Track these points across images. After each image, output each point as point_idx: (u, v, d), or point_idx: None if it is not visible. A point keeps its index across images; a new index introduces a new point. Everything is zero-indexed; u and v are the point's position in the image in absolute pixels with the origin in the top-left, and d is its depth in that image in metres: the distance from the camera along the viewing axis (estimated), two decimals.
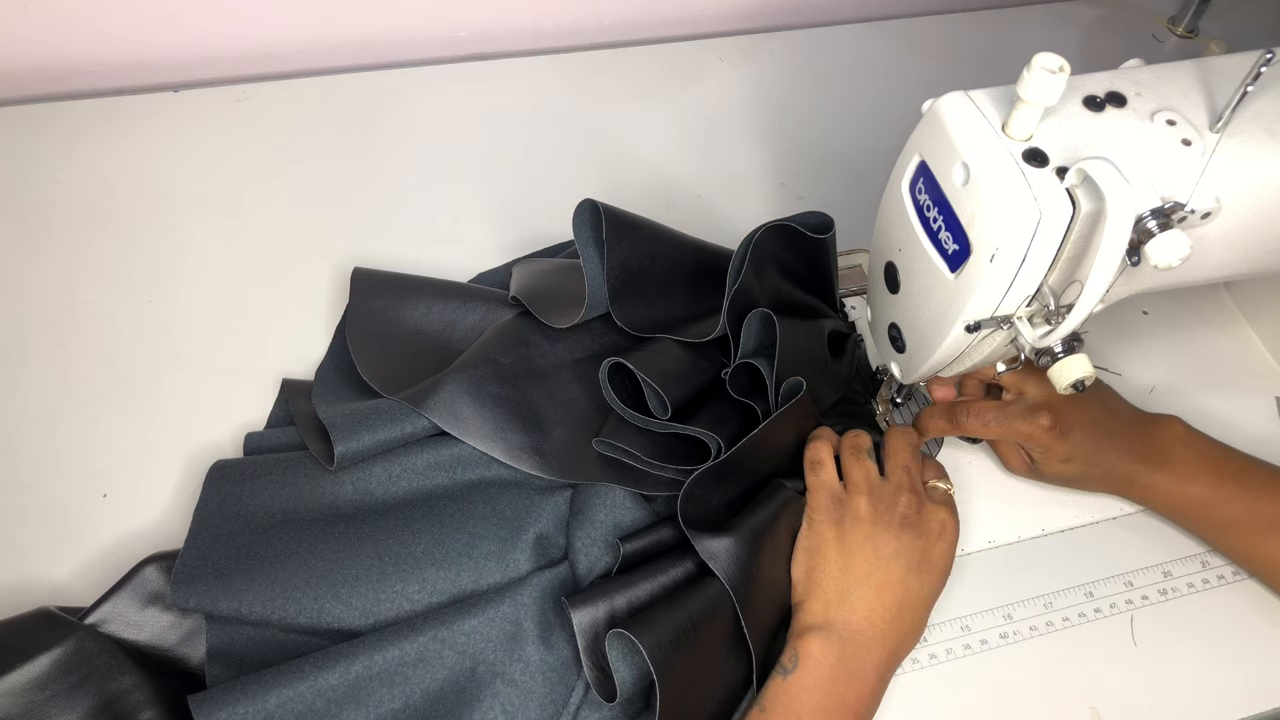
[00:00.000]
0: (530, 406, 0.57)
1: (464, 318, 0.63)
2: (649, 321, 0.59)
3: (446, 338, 0.62)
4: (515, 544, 0.52)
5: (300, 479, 0.54)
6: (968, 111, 0.47)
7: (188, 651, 0.51)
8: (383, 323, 0.62)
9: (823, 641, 0.48)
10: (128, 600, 0.51)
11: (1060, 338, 0.47)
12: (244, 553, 0.51)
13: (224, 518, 0.53)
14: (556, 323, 0.59)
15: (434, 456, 0.55)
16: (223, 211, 0.71)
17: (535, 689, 0.50)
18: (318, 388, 0.60)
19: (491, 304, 0.63)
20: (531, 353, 0.59)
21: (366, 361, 0.60)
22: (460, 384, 0.55)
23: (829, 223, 0.58)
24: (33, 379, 0.61)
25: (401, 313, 0.63)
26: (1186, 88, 0.49)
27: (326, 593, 0.50)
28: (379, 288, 0.64)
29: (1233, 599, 0.58)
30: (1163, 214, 0.43)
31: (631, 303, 0.59)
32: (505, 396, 0.56)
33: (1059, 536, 0.60)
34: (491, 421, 0.55)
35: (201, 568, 0.51)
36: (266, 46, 0.82)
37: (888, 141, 0.54)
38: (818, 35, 0.91)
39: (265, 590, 0.50)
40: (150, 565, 0.52)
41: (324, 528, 0.52)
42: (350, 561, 0.51)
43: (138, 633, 0.51)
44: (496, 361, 0.58)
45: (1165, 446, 0.57)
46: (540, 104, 0.82)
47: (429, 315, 0.63)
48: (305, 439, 0.56)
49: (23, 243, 0.68)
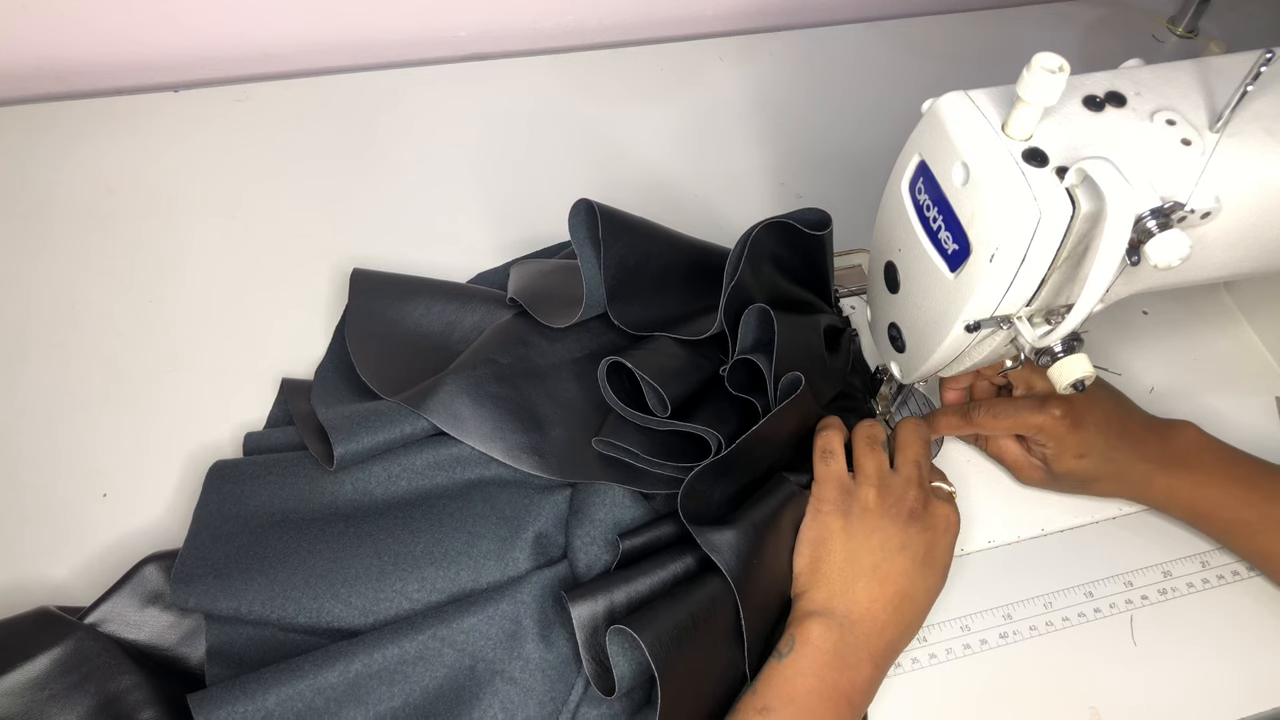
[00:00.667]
0: (529, 406, 0.57)
1: (463, 318, 0.63)
2: (646, 320, 0.59)
3: (445, 338, 0.62)
4: (514, 543, 0.52)
5: (300, 479, 0.54)
6: (967, 111, 0.47)
7: (187, 651, 0.51)
8: (382, 323, 0.62)
9: (822, 627, 0.48)
10: (127, 600, 0.51)
11: (1060, 337, 0.47)
12: (243, 552, 0.51)
13: (223, 518, 0.53)
14: (554, 322, 0.59)
15: (433, 456, 0.55)
16: (223, 211, 0.71)
17: (535, 686, 0.50)
18: (317, 388, 0.60)
19: (490, 304, 0.63)
20: (530, 353, 0.59)
21: (366, 362, 0.60)
22: (459, 384, 0.56)
23: (826, 219, 0.58)
24: (33, 379, 0.61)
25: (400, 314, 0.63)
26: (1186, 87, 0.49)
27: (326, 592, 0.50)
28: (378, 289, 0.64)
29: (1233, 599, 0.58)
30: (1162, 214, 0.43)
31: (628, 302, 0.59)
32: (504, 396, 0.56)
33: (1058, 536, 0.60)
34: (490, 421, 0.55)
35: (201, 567, 0.51)
36: (266, 46, 0.82)
37: (887, 141, 0.54)
38: (818, 35, 0.91)
39: (265, 590, 0.50)
40: (150, 565, 0.52)
41: (323, 527, 0.52)
42: (350, 561, 0.51)
43: (137, 632, 0.51)
44: (495, 362, 0.58)
45: (1182, 450, 0.57)
46: (540, 104, 0.82)
47: (428, 316, 0.63)
48: (305, 439, 0.56)
49: (23, 242, 0.68)
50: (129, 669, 0.48)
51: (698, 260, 0.62)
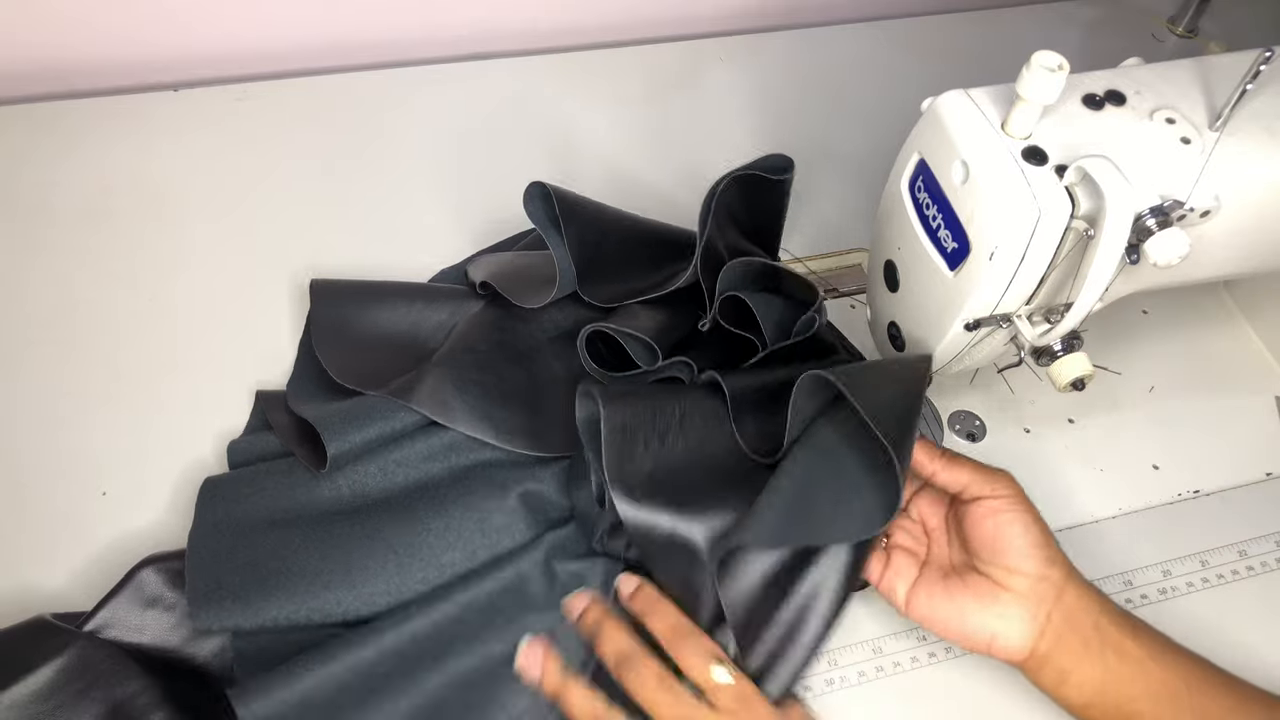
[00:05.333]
0: (514, 388, 0.57)
1: (429, 316, 0.63)
2: (613, 293, 0.59)
3: (413, 336, 0.62)
4: (521, 514, 0.53)
5: (295, 486, 0.54)
6: (967, 110, 0.47)
7: (193, 650, 0.51)
8: (346, 329, 0.62)
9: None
10: (127, 604, 0.50)
11: (1059, 336, 0.48)
12: (255, 568, 0.51)
13: (223, 533, 0.52)
14: (528, 303, 0.59)
15: (425, 447, 0.55)
16: (223, 211, 0.71)
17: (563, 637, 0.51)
18: (293, 397, 0.59)
19: (455, 300, 0.63)
20: (507, 338, 0.59)
21: (338, 365, 0.59)
22: (442, 374, 0.56)
23: (788, 163, 0.57)
24: (32, 379, 0.61)
25: (363, 318, 0.62)
26: (1186, 86, 0.49)
27: (348, 594, 0.50)
28: (338, 296, 0.63)
29: (1233, 598, 0.58)
30: (1162, 212, 0.43)
31: (593, 277, 0.59)
32: (488, 382, 0.57)
33: (1058, 536, 0.60)
34: (479, 408, 0.55)
35: (216, 590, 0.50)
36: (266, 46, 0.82)
37: (888, 141, 0.54)
38: (818, 35, 0.91)
39: (286, 603, 0.50)
40: (147, 568, 0.51)
41: (328, 530, 0.52)
42: (365, 560, 0.51)
43: (139, 635, 0.50)
44: (474, 350, 0.58)
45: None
46: (539, 104, 0.82)
47: (393, 316, 0.63)
48: (290, 448, 0.55)
49: (22, 242, 0.68)
50: (135, 673, 0.47)
51: (652, 234, 0.62)
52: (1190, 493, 0.62)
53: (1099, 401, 0.66)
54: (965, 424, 0.64)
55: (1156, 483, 0.63)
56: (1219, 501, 0.62)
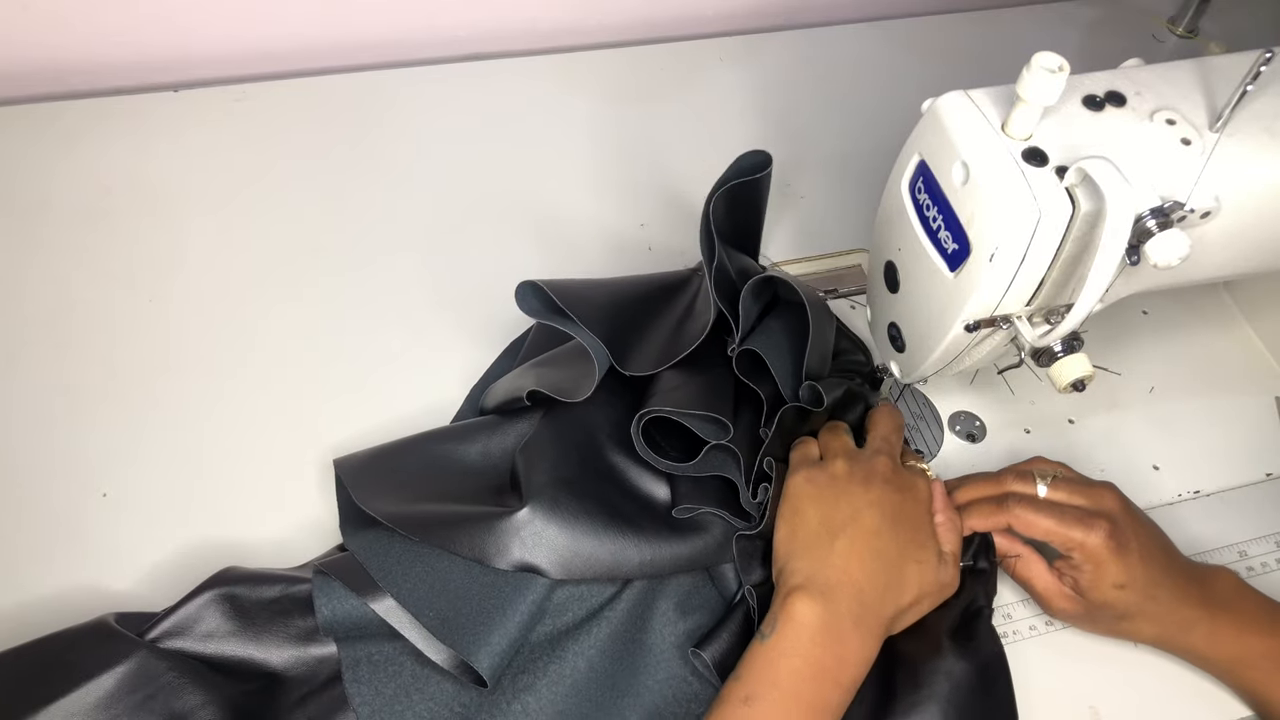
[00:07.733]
0: (613, 508, 0.54)
1: (466, 450, 0.58)
2: (649, 355, 0.57)
3: (460, 469, 0.57)
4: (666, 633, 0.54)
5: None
6: (967, 111, 0.47)
7: (266, 657, 0.49)
8: (387, 493, 0.55)
9: (806, 602, 0.48)
10: (198, 611, 0.49)
11: (1060, 337, 0.48)
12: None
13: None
14: (580, 395, 0.55)
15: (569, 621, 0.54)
16: (221, 211, 0.71)
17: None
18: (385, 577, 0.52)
19: (486, 430, 0.59)
20: (585, 455, 0.56)
21: (407, 524, 0.53)
22: (543, 514, 0.52)
23: (766, 159, 0.57)
24: (31, 378, 0.61)
25: (399, 477, 0.56)
26: (1186, 87, 0.49)
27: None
28: (366, 471, 0.56)
29: None
30: (1162, 213, 0.43)
31: (623, 349, 0.56)
32: (594, 511, 0.54)
33: None
34: (601, 548, 0.53)
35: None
36: (266, 46, 0.82)
37: (888, 141, 0.54)
38: (818, 35, 0.91)
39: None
40: (210, 590, 0.49)
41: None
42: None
43: (204, 645, 0.49)
44: (568, 481, 0.54)
45: (1225, 595, 0.54)
46: (539, 104, 0.82)
47: (428, 459, 0.57)
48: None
49: (21, 242, 0.68)
50: (199, 686, 0.46)
51: (650, 286, 0.61)
52: (1190, 493, 0.62)
53: (1099, 402, 0.66)
54: (965, 424, 0.64)
55: (1156, 483, 0.63)
56: (1219, 502, 0.62)
